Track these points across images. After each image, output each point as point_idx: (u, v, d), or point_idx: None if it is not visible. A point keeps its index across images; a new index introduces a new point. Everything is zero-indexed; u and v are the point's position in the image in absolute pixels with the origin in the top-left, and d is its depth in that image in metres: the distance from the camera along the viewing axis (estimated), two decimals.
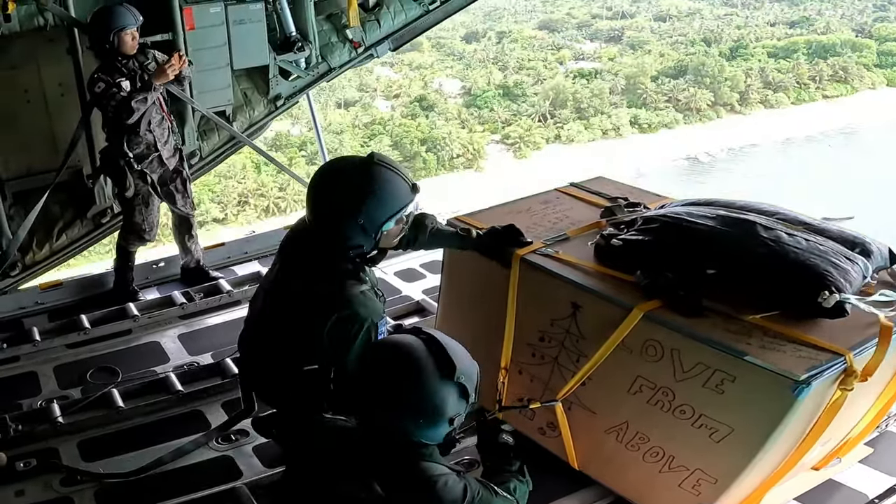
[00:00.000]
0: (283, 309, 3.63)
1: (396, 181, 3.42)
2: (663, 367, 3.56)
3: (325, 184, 3.49)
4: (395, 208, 3.41)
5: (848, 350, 3.30)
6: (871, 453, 4.40)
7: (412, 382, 2.69)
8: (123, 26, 5.92)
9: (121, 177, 6.22)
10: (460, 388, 2.74)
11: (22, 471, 4.57)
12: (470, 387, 2.76)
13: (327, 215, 3.45)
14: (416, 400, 2.69)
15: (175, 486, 4.44)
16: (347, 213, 3.37)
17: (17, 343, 5.91)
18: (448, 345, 2.77)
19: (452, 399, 2.73)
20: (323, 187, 3.47)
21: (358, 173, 3.40)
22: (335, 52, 7.99)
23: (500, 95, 51.30)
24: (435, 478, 2.69)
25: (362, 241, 3.44)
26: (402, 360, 2.72)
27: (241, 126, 7.69)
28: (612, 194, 4.75)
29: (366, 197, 3.35)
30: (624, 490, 4.02)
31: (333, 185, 3.45)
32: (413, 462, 2.72)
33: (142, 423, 5.07)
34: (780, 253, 3.60)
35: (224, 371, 5.45)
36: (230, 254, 7.35)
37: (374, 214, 3.38)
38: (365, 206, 3.35)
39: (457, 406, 2.75)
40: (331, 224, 3.44)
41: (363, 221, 3.37)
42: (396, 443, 2.73)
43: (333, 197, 3.41)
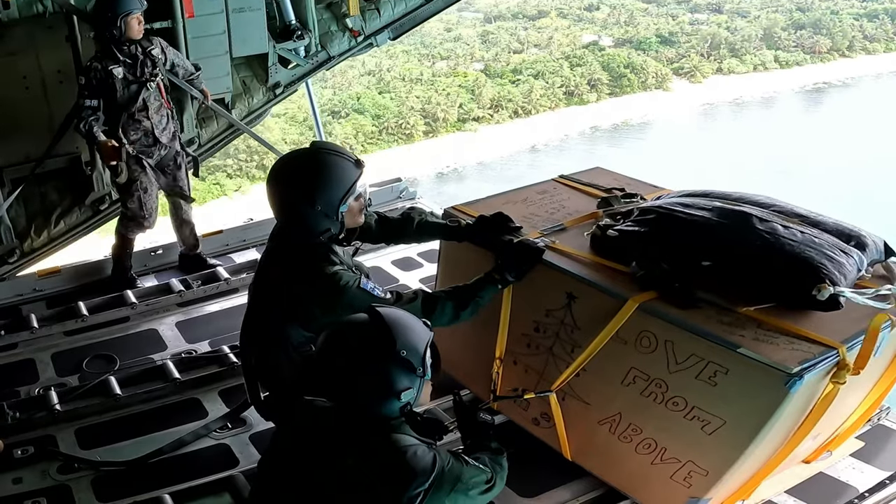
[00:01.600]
0: (266, 298, 3.81)
1: (341, 162, 3.57)
2: (657, 359, 3.57)
3: (278, 180, 3.64)
4: (345, 187, 3.56)
5: (841, 343, 3.31)
6: (863, 447, 4.42)
7: (353, 360, 2.78)
8: (130, 10, 5.92)
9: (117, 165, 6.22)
10: (403, 362, 2.78)
11: (19, 458, 4.60)
12: (415, 360, 2.80)
13: (288, 209, 3.62)
14: (360, 377, 2.77)
15: (172, 474, 4.47)
16: (306, 203, 3.53)
17: (14, 330, 5.92)
18: (391, 319, 2.83)
19: (397, 374, 2.78)
20: (277, 184, 3.64)
21: (304, 164, 3.59)
22: (334, 40, 7.98)
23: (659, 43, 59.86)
24: (404, 448, 2.75)
25: (328, 225, 3.59)
26: (344, 339, 2.83)
27: (240, 114, 7.70)
28: (609, 185, 4.76)
29: (317, 184, 3.52)
30: (616, 481, 4.04)
31: (286, 180, 3.62)
32: (383, 435, 2.78)
33: (139, 411, 5.10)
34: (775, 245, 3.61)
35: (222, 359, 5.47)
36: (228, 241, 7.35)
37: (329, 198, 3.53)
38: (318, 193, 3.52)
39: (405, 381, 2.80)
40: (294, 216, 3.61)
41: (321, 207, 3.53)
42: (363, 419, 2.80)
43: (288, 191, 3.58)
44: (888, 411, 4.69)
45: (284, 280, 3.69)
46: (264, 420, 4.35)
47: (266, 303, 3.83)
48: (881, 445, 4.47)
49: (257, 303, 3.91)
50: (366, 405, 2.80)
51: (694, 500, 3.64)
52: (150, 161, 6.30)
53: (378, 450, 2.76)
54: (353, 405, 2.81)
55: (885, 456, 4.39)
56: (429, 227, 4.31)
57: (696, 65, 58.34)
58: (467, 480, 2.93)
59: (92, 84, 5.97)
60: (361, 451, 2.76)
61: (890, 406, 4.71)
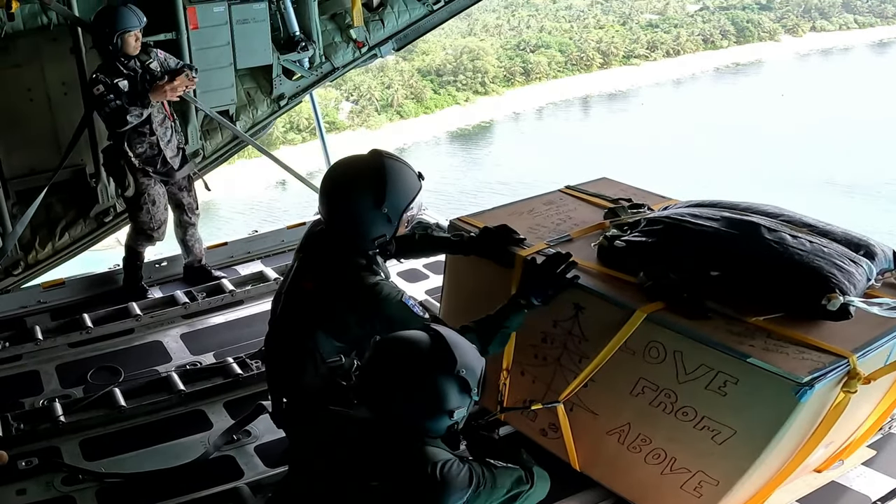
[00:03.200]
0: (298, 305, 3.79)
1: (408, 171, 3.66)
2: (666, 369, 3.54)
3: (342, 181, 3.66)
4: (412, 194, 3.64)
5: (851, 352, 3.28)
6: (874, 456, 4.39)
7: (412, 374, 2.78)
8: (127, 28, 5.91)
9: (121, 176, 6.22)
10: (461, 381, 2.81)
11: (23, 469, 4.58)
12: (472, 381, 2.84)
13: (349, 210, 3.60)
14: (417, 392, 2.78)
15: (176, 486, 4.44)
16: (372, 204, 3.56)
17: (19, 342, 5.91)
18: (452, 340, 2.86)
19: (453, 392, 2.80)
20: (341, 184, 3.65)
21: (374, 166, 3.59)
22: (339, 51, 7.99)
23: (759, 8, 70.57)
24: (440, 463, 2.73)
25: (385, 230, 3.64)
26: (405, 353, 2.83)
27: (245, 125, 7.70)
28: (616, 195, 4.74)
29: (388, 186, 3.55)
30: (625, 492, 4.00)
31: (352, 181, 3.62)
32: (417, 450, 2.77)
33: (144, 423, 5.08)
34: (784, 255, 3.58)
35: (226, 371, 5.45)
36: (232, 253, 7.35)
37: (396, 202, 3.59)
38: (387, 195, 3.55)
39: (458, 399, 2.82)
40: (353, 218, 3.60)
41: (387, 210, 3.57)
42: (401, 434, 2.79)
43: (354, 191, 3.59)
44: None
45: (322, 287, 3.68)
46: (276, 428, 4.32)
47: (297, 310, 3.81)
48: (892, 454, 4.44)
49: (288, 310, 3.88)
50: (414, 419, 2.80)
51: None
52: (157, 173, 6.29)
53: (412, 464, 2.75)
54: (399, 418, 2.80)
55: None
56: (433, 241, 4.33)
57: (797, 23, 69.64)
58: (501, 485, 2.93)
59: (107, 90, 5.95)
60: (393, 465, 2.75)
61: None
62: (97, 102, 5.99)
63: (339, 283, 3.63)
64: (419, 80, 54.69)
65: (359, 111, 51.91)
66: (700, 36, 66.31)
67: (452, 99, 55.67)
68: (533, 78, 59.10)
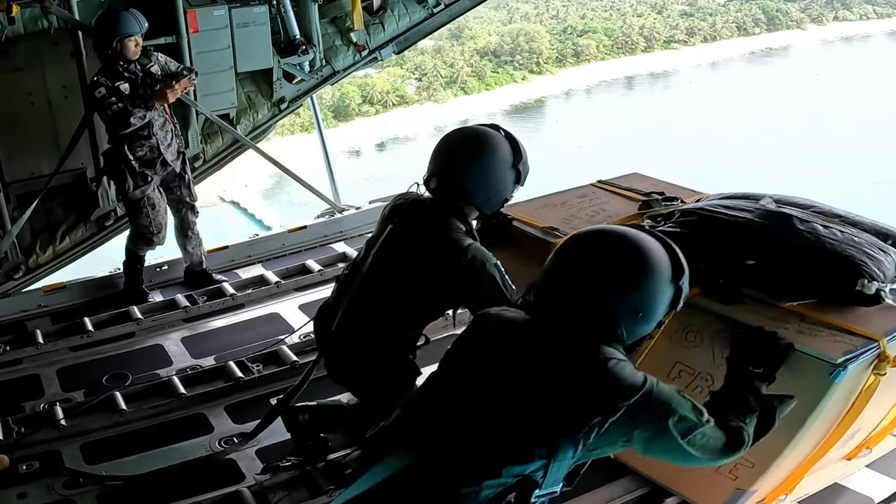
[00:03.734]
0: (391, 273, 3.85)
1: None
2: (702, 353, 3.58)
3: (477, 143, 3.77)
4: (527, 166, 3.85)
5: (881, 336, 3.35)
6: (878, 457, 4.38)
7: (651, 276, 2.62)
8: (128, 34, 5.91)
9: (121, 179, 6.21)
10: (678, 293, 2.70)
11: (24, 473, 4.56)
12: (683, 293, 2.73)
13: (487, 168, 3.72)
14: (646, 294, 2.62)
15: (177, 489, 4.43)
16: (510, 162, 3.75)
17: (19, 346, 5.89)
18: (675, 251, 2.72)
19: (667, 302, 2.69)
20: (478, 145, 3.76)
21: (502, 132, 3.81)
22: (339, 55, 8.00)
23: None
24: (613, 359, 2.56)
25: (511, 191, 3.83)
26: (643, 252, 2.64)
27: (245, 129, 7.70)
28: (648, 189, 4.76)
29: (519, 146, 3.79)
30: (660, 477, 4.02)
31: (489, 142, 3.76)
32: (592, 348, 2.58)
33: (145, 426, 5.06)
34: (816, 244, 3.66)
35: (227, 374, 5.43)
36: (233, 257, 7.34)
37: (526, 162, 3.81)
38: (522, 153, 3.79)
39: (665, 310, 2.71)
40: (490, 175, 3.73)
41: (521, 167, 3.79)
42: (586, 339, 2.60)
43: (494, 150, 3.74)
44: None
45: (419, 248, 3.77)
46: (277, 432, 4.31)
47: (386, 276, 3.86)
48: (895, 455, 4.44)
49: (374, 277, 3.91)
50: (616, 319, 2.60)
51: (740, 492, 3.63)
52: (157, 177, 6.29)
53: (583, 360, 2.56)
54: (596, 317, 2.59)
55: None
56: None
57: (821, 12, 75.58)
58: (681, 414, 2.61)
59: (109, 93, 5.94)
60: (563, 359, 2.57)
61: None
62: (99, 105, 5.98)
63: (437, 243, 3.71)
64: (479, 59, 61.87)
65: (425, 87, 58.35)
66: (734, 23, 72.11)
67: (510, 77, 62.04)
68: (583, 59, 65.72)
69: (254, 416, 5.04)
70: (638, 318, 2.63)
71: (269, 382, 5.38)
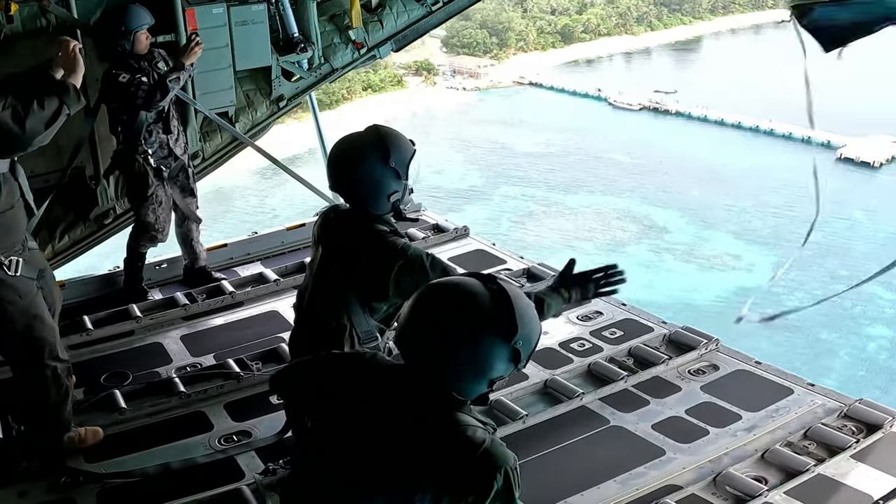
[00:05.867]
0: (334, 288, 3.94)
1: (402, 134, 3.94)
2: None
3: (348, 148, 3.90)
4: (412, 150, 3.91)
5: None
6: (876, 453, 4.40)
7: (467, 335, 2.48)
8: (141, 26, 5.90)
9: (143, 177, 6.20)
10: (514, 353, 2.52)
11: (24, 471, 4.57)
12: (525, 354, 2.55)
13: (361, 171, 3.82)
14: (464, 353, 2.48)
15: (177, 487, 4.44)
16: (380, 161, 3.79)
17: None
18: (517, 302, 2.54)
19: (503, 362, 2.52)
20: (349, 151, 3.89)
21: (373, 133, 3.88)
22: (338, 52, 7.99)
23: None
24: (478, 438, 2.46)
25: (396, 186, 3.84)
26: (462, 308, 2.51)
27: (244, 127, 7.69)
28: None
29: (389, 144, 3.82)
30: None
31: (358, 146, 3.87)
32: (446, 411, 2.51)
33: (144, 424, 5.08)
34: None
35: (227, 372, 5.44)
36: (232, 255, 7.36)
37: (401, 155, 3.84)
38: (391, 150, 3.80)
39: (504, 369, 2.54)
40: (366, 178, 3.81)
41: (395, 164, 3.80)
42: (431, 390, 2.53)
43: (362, 153, 3.83)
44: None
45: (353, 260, 3.86)
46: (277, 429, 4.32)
47: (330, 291, 3.95)
48: (895, 452, 4.45)
49: (320, 293, 4.00)
50: (451, 379, 2.51)
51: None
52: (166, 173, 6.30)
53: (445, 430, 2.48)
54: (434, 373, 2.51)
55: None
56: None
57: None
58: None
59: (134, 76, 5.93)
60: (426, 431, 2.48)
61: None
62: (125, 90, 5.94)
63: (369, 250, 3.82)
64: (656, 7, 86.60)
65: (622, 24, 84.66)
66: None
67: (679, 21, 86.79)
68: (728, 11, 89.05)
69: (253, 413, 5.06)
70: (468, 379, 2.52)
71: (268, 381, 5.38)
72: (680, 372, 5.42)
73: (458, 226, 7.68)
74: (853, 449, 4.51)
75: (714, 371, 5.41)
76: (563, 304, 3.57)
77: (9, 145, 4.19)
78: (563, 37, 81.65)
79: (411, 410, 2.53)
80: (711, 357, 5.56)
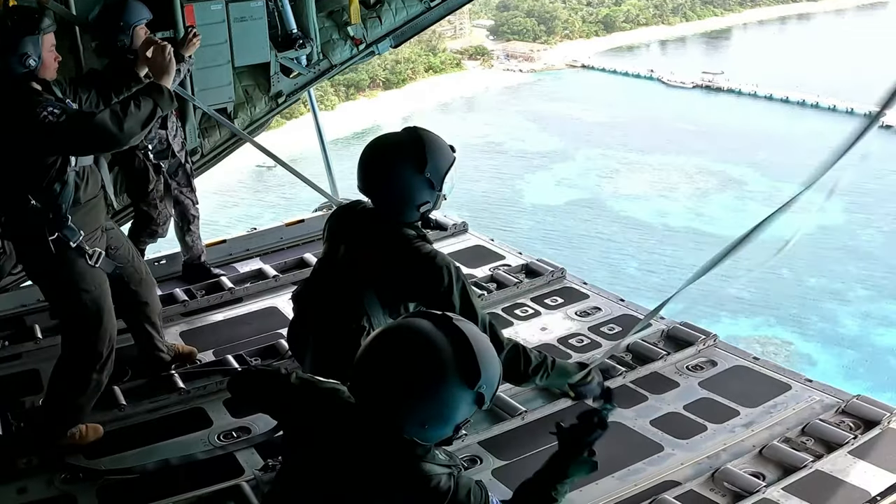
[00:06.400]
0: (353, 288, 3.77)
1: (443, 141, 3.74)
2: None
3: (384, 151, 3.73)
4: (450, 160, 3.70)
5: None
6: (874, 450, 4.41)
7: (428, 385, 2.43)
8: (139, 21, 5.89)
9: (143, 173, 6.20)
10: (478, 397, 2.48)
11: (24, 468, 4.58)
12: (487, 395, 2.51)
13: (393, 177, 3.65)
14: (426, 403, 2.44)
15: (177, 483, 4.45)
16: (415, 169, 3.61)
17: (19, 341, 5.92)
18: (477, 346, 2.49)
19: (466, 406, 2.48)
20: (384, 154, 3.72)
21: (412, 135, 3.69)
22: (336, 49, 7.97)
23: None
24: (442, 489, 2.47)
25: (428, 197, 3.66)
26: (422, 357, 2.45)
27: (243, 123, 7.67)
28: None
29: (426, 151, 3.63)
30: None
31: (395, 149, 3.69)
32: (410, 461, 2.49)
33: (144, 421, 5.09)
34: None
35: (226, 368, 5.45)
36: (232, 251, 7.37)
37: (438, 165, 3.64)
38: (428, 159, 3.62)
39: (467, 412, 2.50)
40: (398, 184, 3.64)
41: (430, 174, 3.62)
42: (389, 433, 2.48)
43: (398, 158, 3.65)
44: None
45: (376, 261, 3.71)
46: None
47: (349, 291, 3.77)
48: (893, 448, 4.46)
49: (338, 293, 3.81)
50: (413, 427, 2.47)
51: None
52: (165, 168, 6.30)
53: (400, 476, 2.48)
54: (395, 421, 2.47)
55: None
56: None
57: None
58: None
59: None
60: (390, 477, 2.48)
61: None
62: None
63: (396, 253, 3.67)
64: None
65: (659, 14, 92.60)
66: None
67: (711, 13, 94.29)
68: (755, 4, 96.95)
69: (252, 410, 5.05)
70: (424, 424, 2.47)
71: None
72: (678, 368, 5.43)
73: (457, 221, 7.68)
74: (851, 445, 4.52)
75: (712, 367, 5.43)
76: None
77: (107, 144, 4.45)
78: (605, 25, 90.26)
79: (375, 458, 2.50)
80: (709, 353, 5.58)
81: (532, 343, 5.59)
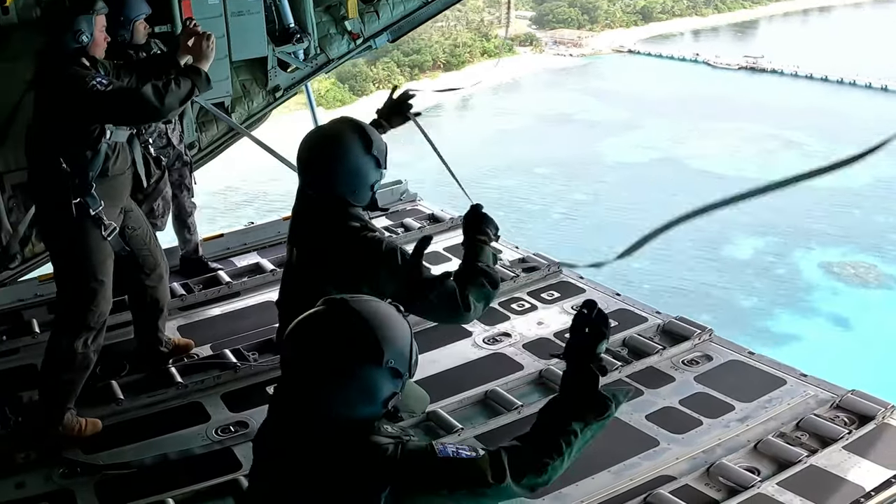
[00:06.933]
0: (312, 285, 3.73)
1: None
2: None
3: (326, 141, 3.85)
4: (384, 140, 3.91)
5: None
6: (869, 445, 4.43)
7: (338, 376, 2.48)
8: (140, 15, 5.88)
9: (144, 166, 6.19)
10: (392, 371, 2.51)
11: (22, 463, 4.60)
12: (402, 366, 2.54)
13: (344, 163, 3.76)
14: (341, 387, 2.48)
15: (175, 478, 4.47)
16: (363, 150, 3.76)
17: (16, 335, 5.93)
18: (375, 324, 2.52)
19: (384, 382, 2.51)
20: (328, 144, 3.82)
21: (348, 124, 3.87)
22: (334, 43, 7.98)
23: None
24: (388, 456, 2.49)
25: (377, 176, 3.83)
26: (322, 345, 2.50)
27: (240, 117, 7.68)
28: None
29: (369, 132, 3.81)
30: None
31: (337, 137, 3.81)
32: (356, 437, 2.52)
33: (142, 415, 5.10)
34: None
35: (224, 363, 5.46)
36: (229, 244, 7.37)
37: (379, 144, 3.82)
38: (372, 138, 3.79)
39: (391, 387, 2.53)
40: (349, 169, 3.75)
41: (376, 152, 3.78)
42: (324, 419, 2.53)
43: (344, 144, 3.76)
44: (893, 410, 4.71)
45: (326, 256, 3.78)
46: None
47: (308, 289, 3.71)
48: (887, 444, 4.48)
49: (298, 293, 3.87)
50: (343, 413, 2.51)
51: None
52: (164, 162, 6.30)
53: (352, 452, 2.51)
54: (329, 413, 2.51)
55: (892, 454, 4.40)
56: None
57: None
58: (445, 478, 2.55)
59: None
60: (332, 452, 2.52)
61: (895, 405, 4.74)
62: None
63: (344, 248, 3.72)
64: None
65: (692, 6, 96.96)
66: None
67: (741, 5, 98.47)
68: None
69: (250, 404, 5.08)
70: (360, 410, 2.52)
71: (265, 371, 5.41)
72: (674, 362, 5.45)
73: (454, 216, 7.68)
74: (845, 440, 4.54)
75: (707, 361, 5.45)
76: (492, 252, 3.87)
77: (148, 116, 4.85)
78: (644, 16, 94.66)
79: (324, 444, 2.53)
80: (705, 347, 5.60)
81: (528, 338, 5.63)
